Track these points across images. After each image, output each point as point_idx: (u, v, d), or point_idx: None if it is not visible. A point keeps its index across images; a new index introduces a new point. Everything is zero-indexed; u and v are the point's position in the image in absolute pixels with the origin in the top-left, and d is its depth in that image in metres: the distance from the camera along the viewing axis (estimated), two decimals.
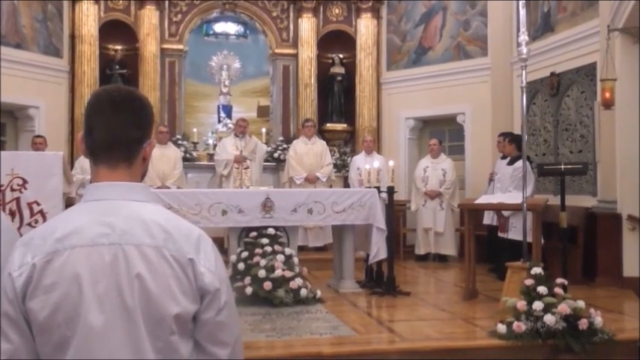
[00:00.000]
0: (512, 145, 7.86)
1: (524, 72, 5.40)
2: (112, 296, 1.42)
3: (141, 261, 1.44)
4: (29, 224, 4.10)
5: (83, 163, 8.27)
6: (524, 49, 5.34)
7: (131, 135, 1.55)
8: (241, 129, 9.30)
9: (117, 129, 1.54)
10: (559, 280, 4.97)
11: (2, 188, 4.17)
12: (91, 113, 1.56)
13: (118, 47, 10.86)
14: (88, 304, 1.40)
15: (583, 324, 4.62)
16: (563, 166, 6.50)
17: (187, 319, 1.47)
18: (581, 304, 4.77)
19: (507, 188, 7.51)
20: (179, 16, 11.08)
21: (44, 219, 4.08)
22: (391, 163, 7.25)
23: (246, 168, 9.10)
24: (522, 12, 5.45)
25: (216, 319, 1.51)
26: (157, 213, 1.53)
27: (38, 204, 4.12)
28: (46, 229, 1.49)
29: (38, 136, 8.69)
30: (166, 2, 10.94)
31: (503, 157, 8.29)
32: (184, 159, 9.92)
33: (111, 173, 1.54)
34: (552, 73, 8.68)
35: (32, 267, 1.42)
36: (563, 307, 4.66)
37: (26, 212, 4.12)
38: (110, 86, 1.65)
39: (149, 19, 10.62)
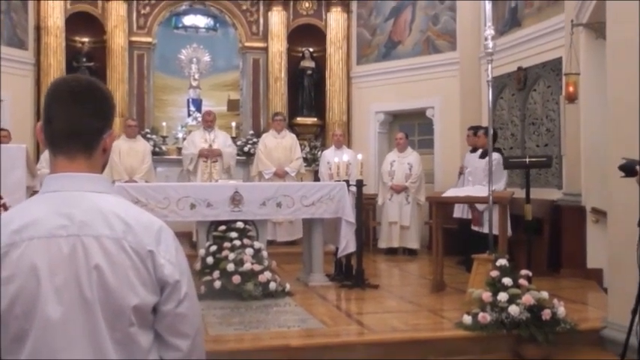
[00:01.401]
0: (486, 137, 7.94)
1: (490, 66, 5.47)
2: (71, 288, 1.41)
3: (100, 253, 1.43)
4: None
5: (48, 155, 8.12)
6: (490, 44, 5.40)
7: (91, 125, 1.54)
8: (208, 122, 9.24)
9: (76, 119, 1.52)
10: (523, 272, 5.06)
11: None
12: (51, 103, 1.54)
13: (85, 39, 10.71)
14: (46, 296, 1.39)
15: (546, 314, 4.71)
16: (528, 159, 6.59)
17: (147, 310, 1.46)
18: (544, 294, 4.86)
19: (481, 182, 7.59)
20: (147, 8, 10.96)
21: None
22: (360, 156, 7.28)
23: (214, 161, 9.05)
24: (489, 7, 5.51)
25: (176, 310, 1.50)
26: (116, 204, 1.52)
27: (0, 197, 4.06)
28: (3, 221, 1.46)
29: (1, 129, 8.53)
30: None
31: (473, 151, 8.37)
32: (153, 153, 9.83)
33: (70, 164, 1.52)
34: (519, 68, 8.79)
35: None
36: (527, 298, 4.75)
37: None
38: (70, 76, 1.64)
39: (117, 11, 10.48)
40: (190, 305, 1.53)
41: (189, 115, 11.57)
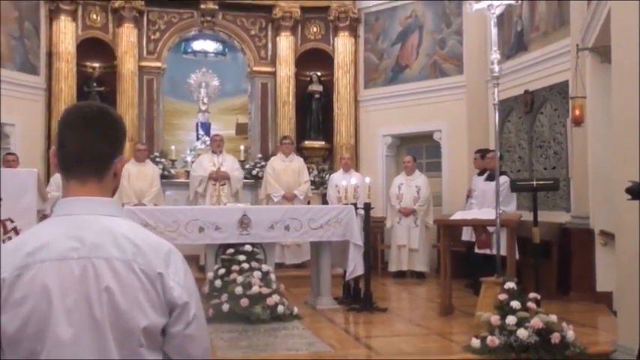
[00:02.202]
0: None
1: (496, 90, 5.51)
2: (81, 309, 1.43)
3: (110, 274, 1.46)
4: (3, 241, 4.08)
5: (59, 180, 8.18)
6: (496, 68, 5.45)
7: (102, 150, 1.58)
8: (216, 144, 9.31)
9: (88, 144, 1.56)
10: (532, 295, 5.05)
11: None
12: (64, 128, 1.58)
13: (96, 65, 10.85)
14: (57, 317, 1.42)
15: (555, 338, 4.68)
16: (535, 182, 6.60)
17: (156, 332, 1.49)
18: (553, 318, 4.84)
19: (490, 204, 7.58)
20: (157, 34, 11.11)
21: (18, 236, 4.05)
22: (368, 179, 7.31)
23: (222, 184, 9.10)
24: (494, 31, 5.57)
25: (185, 332, 1.53)
26: (126, 227, 1.55)
27: (12, 221, 4.11)
28: (17, 244, 1.50)
29: (10, 154, 8.62)
30: (145, 20, 10.97)
31: (480, 174, 8.39)
32: (162, 176, 9.90)
33: (82, 188, 1.56)
34: (526, 91, 8.83)
35: (2, 281, 1.43)
36: (536, 322, 4.73)
37: None
38: (82, 102, 1.69)
39: (127, 36, 10.64)
40: (198, 327, 1.55)
41: (198, 138, 11.66)
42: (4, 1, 9.55)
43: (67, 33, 10.23)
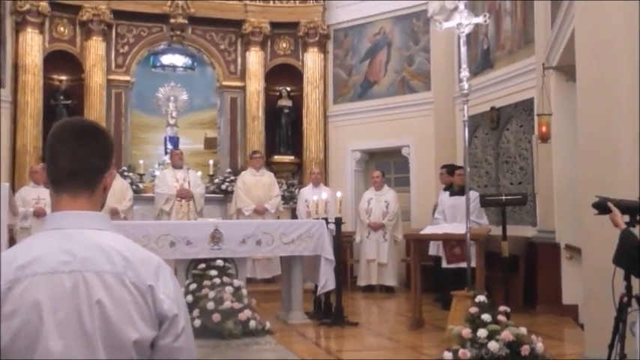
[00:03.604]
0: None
1: (465, 107, 5.63)
2: (72, 322, 1.43)
3: (101, 288, 1.47)
4: None
5: (25, 194, 8.08)
6: (466, 85, 5.57)
7: (94, 164, 1.59)
8: (176, 159, 9.27)
9: (80, 158, 1.57)
10: (502, 308, 5.12)
11: None
12: (55, 142, 1.59)
13: (63, 78, 10.72)
14: (48, 331, 1.42)
15: (525, 350, 4.75)
16: (504, 197, 6.74)
17: (146, 345, 1.49)
18: (523, 330, 4.92)
19: (463, 218, 7.67)
20: (126, 47, 11.05)
21: None
22: (339, 194, 7.37)
23: (189, 200, 9.04)
24: (463, 49, 5.70)
25: (174, 344, 1.54)
26: (116, 241, 1.56)
27: None
28: (7, 258, 1.50)
29: None
30: (113, 33, 10.90)
31: (446, 189, 8.51)
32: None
33: (72, 202, 1.57)
34: (492, 108, 9.01)
35: None
36: (507, 334, 4.80)
37: None
38: (73, 117, 1.71)
39: (95, 49, 10.55)
40: (187, 339, 1.57)
41: (166, 152, 11.56)
42: None
43: (33, 45, 10.10)
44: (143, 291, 1.50)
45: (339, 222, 7.04)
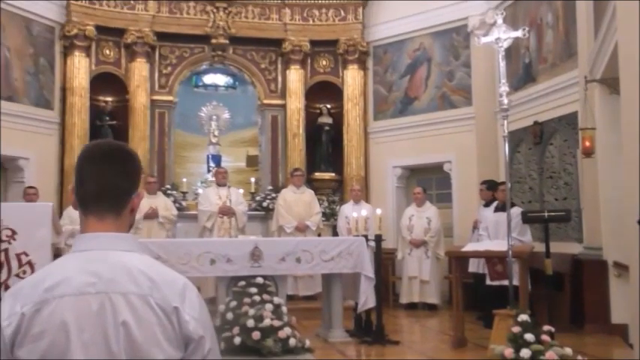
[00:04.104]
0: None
1: (505, 122, 5.55)
2: (98, 343, 1.45)
3: (127, 309, 1.47)
4: (17, 275, 4.11)
5: (72, 213, 8.29)
6: (505, 100, 5.49)
7: (120, 186, 1.61)
8: (220, 177, 9.37)
9: (107, 180, 1.59)
10: (546, 328, 5.00)
11: None
12: (83, 165, 1.62)
13: (109, 99, 11.00)
14: (75, 352, 1.43)
15: None
16: (546, 214, 6.59)
17: None
18: (568, 351, 4.78)
19: (502, 236, 7.54)
20: (169, 68, 11.28)
21: (32, 269, 4.09)
22: (379, 211, 7.32)
23: (230, 217, 9.12)
24: (502, 64, 5.63)
25: None
26: (142, 262, 1.57)
27: (27, 254, 4.14)
28: (35, 279, 1.52)
29: (30, 187, 8.73)
30: (157, 55, 11.15)
31: (486, 205, 8.38)
32: None
33: (99, 224, 1.59)
34: (535, 122, 8.86)
35: (21, 316, 1.45)
36: (551, 355, 4.68)
37: (14, 263, 4.14)
38: (101, 140, 1.73)
39: (139, 71, 10.80)
40: None
41: (208, 171, 11.73)
42: (20, 38, 9.75)
43: (80, 68, 10.40)
44: (168, 312, 1.50)
45: (379, 239, 6.99)
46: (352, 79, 11.41)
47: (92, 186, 1.59)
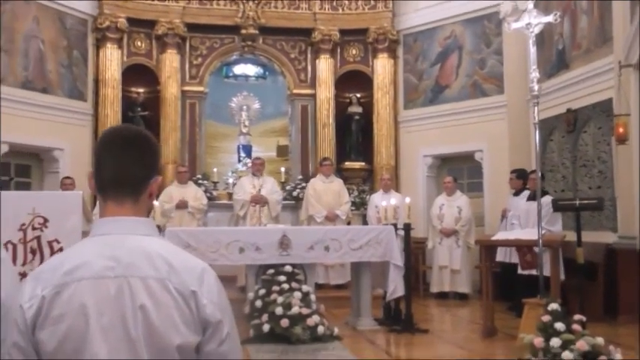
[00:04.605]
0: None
1: (536, 109, 5.46)
2: (117, 327, 1.46)
3: (145, 293, 1.49)
4: None
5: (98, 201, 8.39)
6: (536, 86, 5.40)
7: (138, 172, 1.61)
8: (257, 167, 9.42)
9: (125, 166, 1.60)
10: (577, 317, 4.92)
11: (24, 227, 4.28)
12: (101, 151, 1.63)
13: (140, 90, 11.13)
14: (93, 335, 1.45)
15: None
16: (578, 202, 6.47)
17: (190, 350, 1.50)
18: (599, 340, 4.71)
19: (532, 225, 7.45)
20: (199, 59, 11.35)
21: None
22: (408, 199, 7.28)
23: (263, 206, 9.18)
24: (533, 49, 5.53)
25: (219, 350, 1.54)
26: (160, 246, 1.58)
27: (58, 242, 4.21)
28: (55, 263, 1.55)
29: (67, 177, 8.91)
30: (187, 46, 11.23)
31: (516, 194, 8.28)
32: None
33: (118, 208, 1.60)
34: (569, 110, 8.70)
35: (42, 299, 1.47)
36: (582, 344, 4.61)
37: (46, 250, 4.21)
38: (119, 125, 1.74)
39: (170, 62, 10.90)
40: (232, 345, 1.57)
41: (239, 161, 11.81)
42: (54, 31, 9.91)
43: (112, 60, 10.53)
44: (186, 296, 1.51)
45: (408, 228, 6.95)
46: (382, 67, 11.34)
47: (110, 171, 1.61)
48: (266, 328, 5.98)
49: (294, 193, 10.84)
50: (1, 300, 1.54)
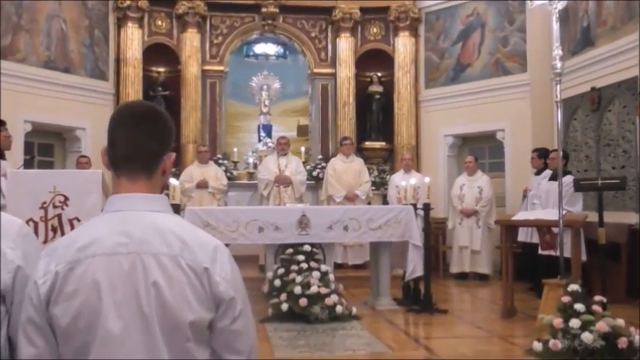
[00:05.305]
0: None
1: (558, 87, 5.36)
2: (130, 303, 1.47)
3: (158, 269, 1.49)
4: None
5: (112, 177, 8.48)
6: (559, 64, 5.30)
7: (151, 148, 1.61)
8: (282, 147, 9.41)
9: (137, 142, 1.59)
10: (597, 298, 4.87)
11: (45, 205, 4.34)
12: (114, 127, 1.62)
13: (161, 69, 11.16)
14: (107, 311, 1.46)
15: (622, 342, 4.49)
16: (600, 182, 6.38)
17: (203, 326, 1.51)
18: (620, 322, 4.65)
19: (556, 204, 7.36)
20: (220, 38, 11.33)
21: None
22: (427, 179, 7.24)
23: (287, 187, 9.18)
24: (556, 26, 5.42)
25: (231, 327, 1.55)
26: (173, 223, 1.58)
27: (78, 220, 4.27)
28: (69, 239, 1.56)
29: (83, 156, 9.00)
30: (208, 25, 11.21)
31: (538, 173, 8.19)
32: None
33: (131, 185, 1.60)
34: (593, 88, 8.55)
35: (55, 275, 1.49)
36: (602, 325, 4.55)
37: (67, 228, 4.28)
38: (132, 101, 1.74)
39: (191, 41, 10.89)
40: (245, 322, 1.57)
41: (259, 140, 11.82)
42: (76, 11, 9.94)
43: (134, 39, 10.56)
44: (199, 273, 1.51)
45: (427, 208, 6.92)
46: (403, 46, 11.23)
47: (123, 147, 1.60)
48: (285, 307, 6.01)
49: (314, 173, 10.83)
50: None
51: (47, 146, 10.11)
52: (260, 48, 12.39)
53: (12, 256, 1.56)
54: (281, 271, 6.32)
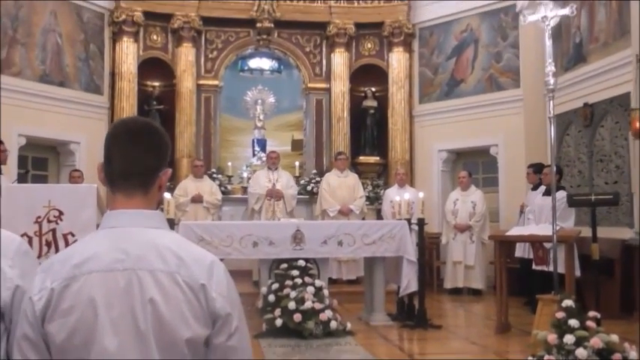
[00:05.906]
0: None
1: (551, 102, 5.40)
2: (126, 320, 1.46)
3: (154, 286, 1.49)
4: None
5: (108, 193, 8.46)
6: (552, 80, 5.34)
7: (147, 164, 1.61)
8: (272, 161, 9.42)
9: (134, 158, 1.60)
10: (591, 314, 4.87)
11: (39, 220, 4.32)
12: (110, 143, 1.63)
13: (156, 84, 11.18)
14: (103, 328, 1.45)
15: (616, 358, 4.50)
16: (593, 197, 6.41)
17: (199, 343, 1.50)
18: (614, 337, 4.66)
19: (546, 220, 7.40)
20: (215, 52, 11.37)
21: None
22: (421, 194, 7.25)
23: (278, 200, 9.19)
24: (549, 43, 5.47)
25: (228, 343, 1.54)
26: (170, 239, 1.58)
27: (73, 235, 4.26)
28: (65, 255, 1.55)
29: (76, 170, 8.97)
30: (203, 40, 11.25)
31: (534, 188, 8.22)
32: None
33: (127, 201, 1.60)
34: (585, 104, 8.61)
35: (51, 291, 1.48)
36: (596, 341, 4.56)
37: (61, 243, 4.26)
38: (128, 117, 1.74)
39: (186, 56, 10.92)
40: (241, 338, 1.56)
41: (254, 155, 11.83)
42: (71, 25, 9.97)
43: (129, 54, 10.58)
44: (196, 289, 1.51)
45: (421, 223, 6.93)
46: (397, 61, 11.29)
47: (119, 164, 1.60)
48: (279, 322, 5.99)
49: (309, 188, 10.84)
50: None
51: (41, 160, 10.09)
52: (255, 62, 12.44)
53: (11, 274, 1.56)
54: (275, 286, 6.31)
